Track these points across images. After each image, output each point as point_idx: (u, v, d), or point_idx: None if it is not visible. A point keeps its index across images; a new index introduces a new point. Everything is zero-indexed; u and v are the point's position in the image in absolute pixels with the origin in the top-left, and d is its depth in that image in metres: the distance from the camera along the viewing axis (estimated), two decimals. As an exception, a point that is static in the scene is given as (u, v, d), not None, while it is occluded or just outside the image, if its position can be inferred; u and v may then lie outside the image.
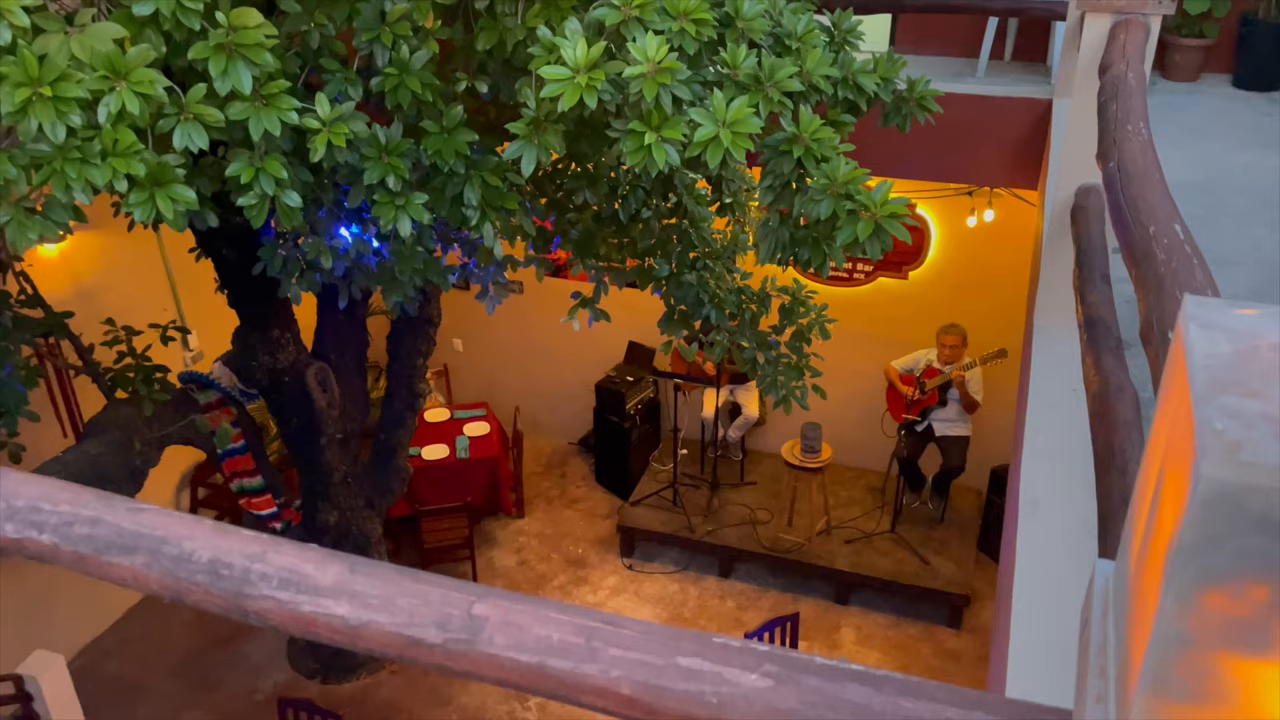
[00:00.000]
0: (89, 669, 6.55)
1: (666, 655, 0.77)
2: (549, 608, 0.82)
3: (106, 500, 0.96)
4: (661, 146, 2.38)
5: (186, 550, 0.89)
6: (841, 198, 2.41)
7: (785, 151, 2.49)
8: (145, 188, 2.29)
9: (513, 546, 7.71)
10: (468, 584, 0.88)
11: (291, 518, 6.03)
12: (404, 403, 6.20)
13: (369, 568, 0.87)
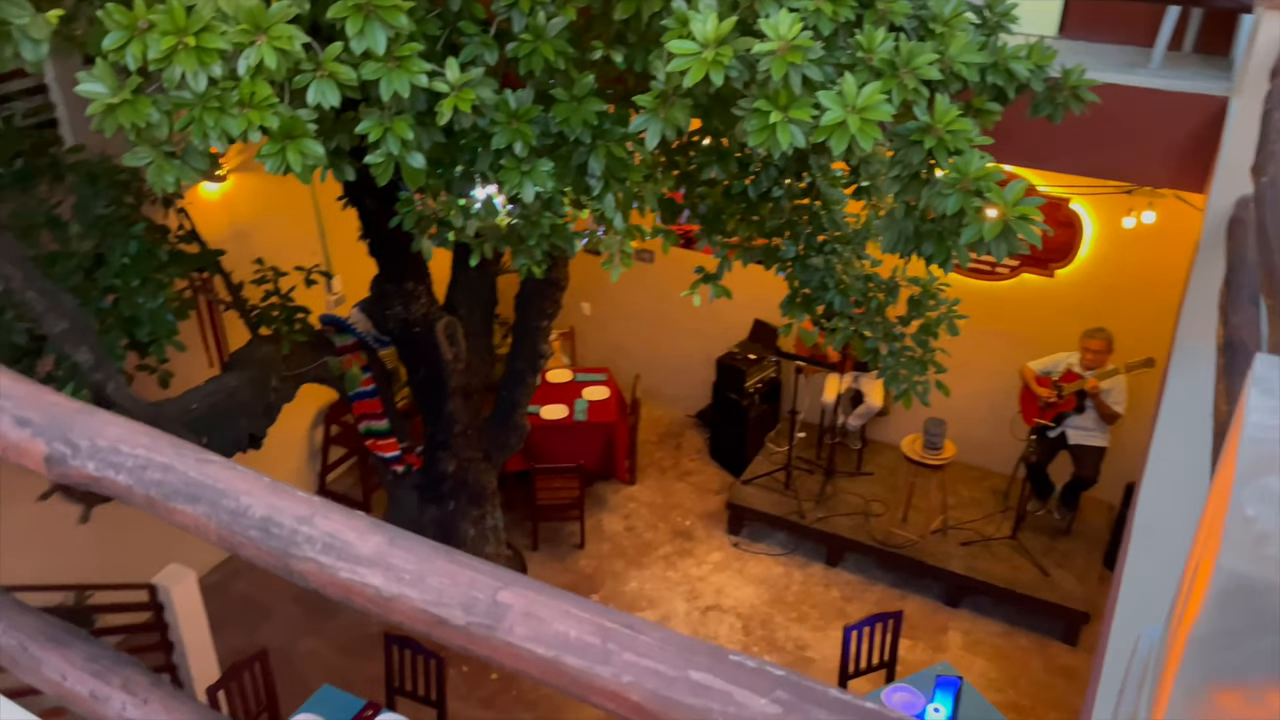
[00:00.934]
0: (219, 587, 7.00)
1: (680, 667, 0.75)
2: (572, 603, 0.82)
3: (179, 449, 1.01)
4: (787, 127, 2.32)
5: (243, 505, 0.93)
6: (971, 194, 2.30)
7: (916, 141, 2.39)
8: (277, 140, 2.39)
9: (622, 512, 7.79)
10: (499, 570, 0.88)
11: (413, 462, 6.25)
12: (526, 362, 6.33)
13: (409, 542, 0.89)
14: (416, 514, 6.42)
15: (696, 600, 6.97)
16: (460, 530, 6.49)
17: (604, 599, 6.96)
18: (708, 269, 4.94)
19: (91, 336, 3.73)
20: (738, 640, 6.64)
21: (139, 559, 6.18)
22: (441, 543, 4.12)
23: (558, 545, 7.45)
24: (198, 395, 4.55)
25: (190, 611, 5.28)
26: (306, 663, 6.45)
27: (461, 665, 6.43)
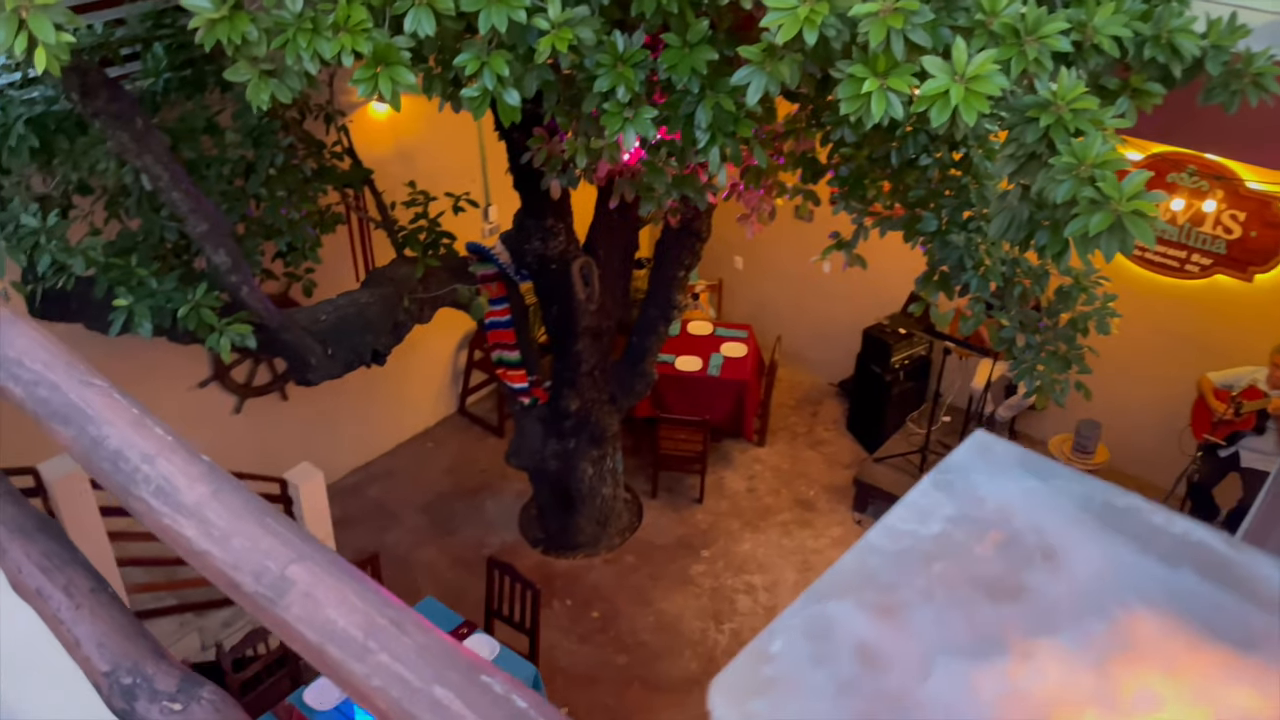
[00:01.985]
0: (354, 489, 7.42)
1: (427, 679, 0.69)
2: (356, 589, 0.76)
3: (71, 369, 1.02)
4: (883, 96, 2.13)
5: (103, 435, 0.92)
6: (1085, 181, 2.04)
7: (1033, 119, 2.14)
8: (371, 66, 2.39)
9: (747, 473, 7.69)
10: (305, 543, 0.83)
11: (539, 396, 6.36)
12: (659, 311, 6.28)
13: (232, 498, 0.85)
14: (540, 447, 6.55)
15: (808, 572, 6.83)
16: (579, 468, 6.58)
17: (714, 556, 6.93)
18: (843, 235, 4.72)
19: (230, 240, 3.94)
20: (844, 618, 6.47)
21: (283, 453, 6.61)
22: (560, 479, 4.23)
23: (677, 496, 7.44)
24: (329, 307, 4.75)
25: (315, 508, 5.59)
26: (420, 572, 6.75)
27: (566, 599, 6.58)
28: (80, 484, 4.54)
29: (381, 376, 7.42)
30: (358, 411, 7.41)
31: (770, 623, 0.73)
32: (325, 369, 4.60)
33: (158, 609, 5.22)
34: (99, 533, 4.68)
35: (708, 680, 3.37)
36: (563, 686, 5.98)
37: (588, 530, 6.85)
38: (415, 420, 7.92)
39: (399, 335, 4.99)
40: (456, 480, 7.55)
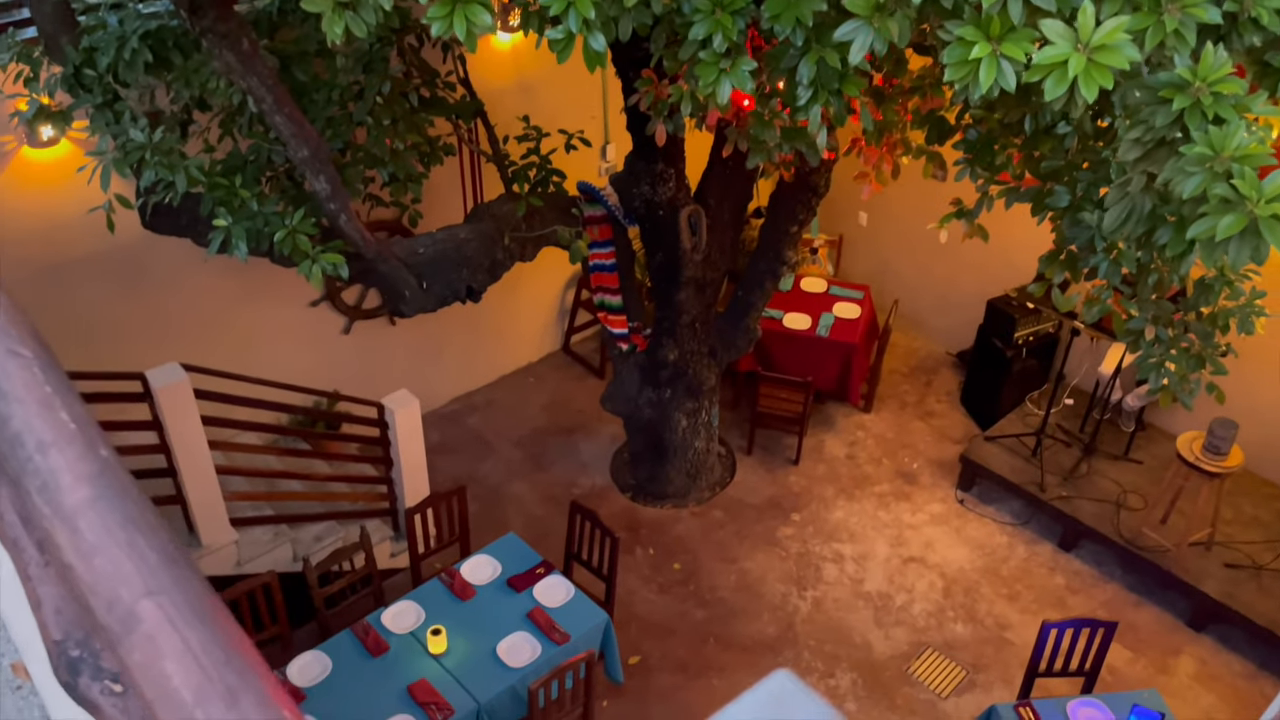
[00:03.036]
0: (453, 417, 7.53)
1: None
2: (204, 640, 0.67)
3: (4, 334, 0.95)
4: (994, 63, 1.89)
5: (9, 413, 0.85)
6: (1219, 176, 1.76)
7: (1166, 100, 1.86)
8: (447, 3, 2.28)
9: (848, 438, 7.45)
10: (170, 568, 0.74)
11: (638, 343, 6.26)
12: (767, 266, 6.06)
13: (113, 504, 0.77)
14: (635, 394, 6.48)
15: (901, 547, 6.59)
16: (673, 419, 6.49)
17: (804, 520, 6.76)
18: (965, 203, 4.41)
19: (330, 167, 3.94)
20: (934, 601, 6.23)
21: (387, 377, 6.74)
22: (654, 428, 4.16)
23: (773, 455, 7.28)
24: (427, 240, 4.74)
25: (409, 434, 5.68)
26: (510, 505, 6.83)
27: (649, 548, 6.55)
28: (184, 393, 4.71)
29: (489, 309, 7.46)
30: (463, 341, 7.48)
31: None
32: (419, 302, 4.60)
33: (255, 518, 5.42)
34: (200, 441, 4.87)
35: (783, 645, 3.37)
36: (637, 634, 5.97)
37: (677, 481, 6.78)
38: (519, 354, 7.96)
39: (495, 274, 4.95)
40: (554, 418, 7.58)
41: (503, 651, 4.87)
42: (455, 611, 5.09)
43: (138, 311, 5.66)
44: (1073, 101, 1.84)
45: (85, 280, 5.39)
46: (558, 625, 5.01)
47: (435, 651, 4.85)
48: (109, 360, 5.02)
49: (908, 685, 5.75)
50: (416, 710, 4.59)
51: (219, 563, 5.23)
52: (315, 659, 4.82)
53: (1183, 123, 1.83)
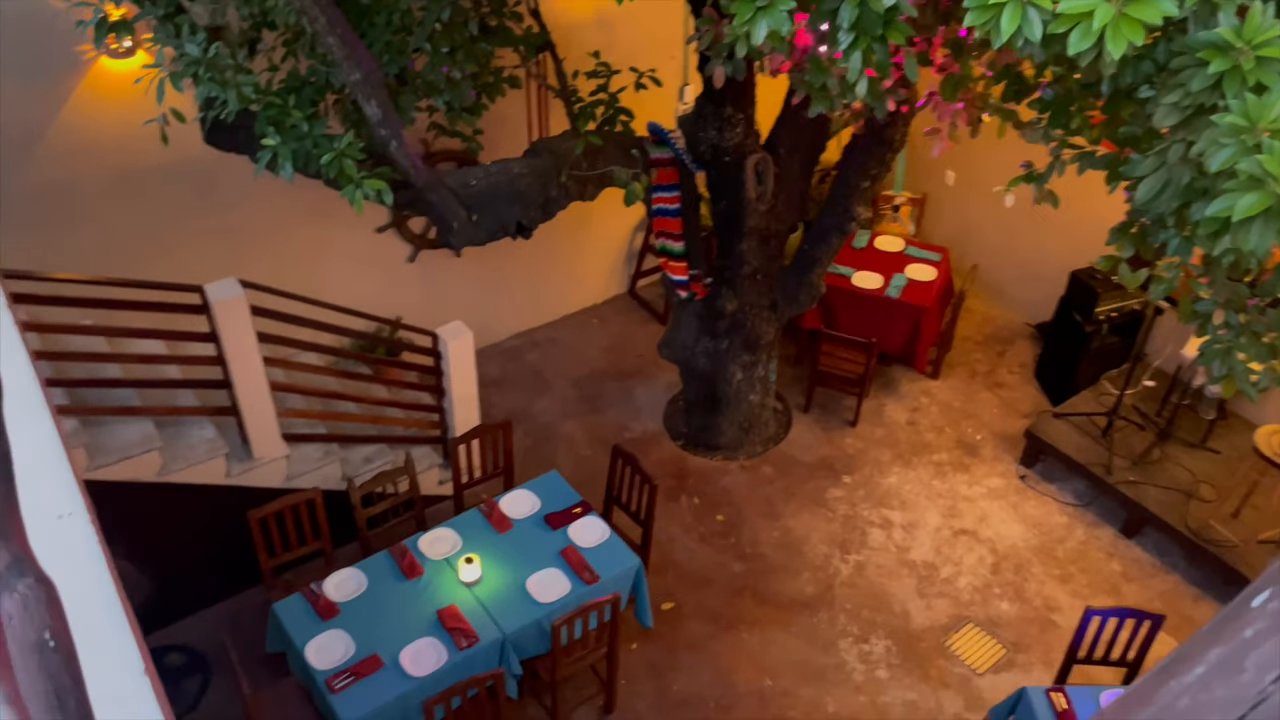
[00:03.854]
0: (514, 352, 7.58)
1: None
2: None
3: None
4: (1018, 9, 1.74)
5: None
6: (1250, 150, 1.59)
7: (1204, 62, 1.68)
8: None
9: (911, 404, 7.26)
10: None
11: (698, 291, 6.17)
12: (835, 220, 5.88)
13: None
14: (691, 342, 6.41)
15: (953, 519, 6.43)
16: (728, 371, 6.41)
17: (855, 484, 6.64)
18: (1036, 166, 4.18)
19: (382, 92, 3.93)
20: (982, 576, 6.07)
21: (450, 307, 6.80)
22: (708, 378, 4.15)
23: (830, 415, 7.15)
24: (480, 172, 4.71)
25: (461, 365, 5.74)
26: (560, 444, 6.87)
27: (695, 497, 6.53)
28: (240, 308, 4.82)
29: (556, 248, 7.46)
30: (529, 278, 7.50)
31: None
32: (467, 235, 4.59)
33: (307, 435, 5.57)
34: (254, 356, 4.99)
35: (820, 605, 3.33)
36: (673, 581, 5.98)
37: (729, 433, 6.71)
38: (584, 295, 7.94)
39: (549, 212, 4.90)
40: (613, 361, 7.56)
41: (532, 586, 4.93)
42: (490, 542, 5.16)
43: (207, 224, 5.81)
44: (1100, 59, 1.68)
45: (159, 190, 5.55)
46: (589, 565, 5.04)
47: (467, 580, 4.94)
48: (178, 270, 5.16)
49: (943, 658, 5.64)
50: (443, 634, 4.69)
51: (269, 475, 5.39)
52: (352, 576, 4.95)
53: (1221, 88, 1.66)
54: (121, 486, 4.86)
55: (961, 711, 5.39)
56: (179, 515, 5.17)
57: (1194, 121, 1.80)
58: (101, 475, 4.78)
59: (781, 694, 5.44)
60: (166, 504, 5.07)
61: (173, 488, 5.06)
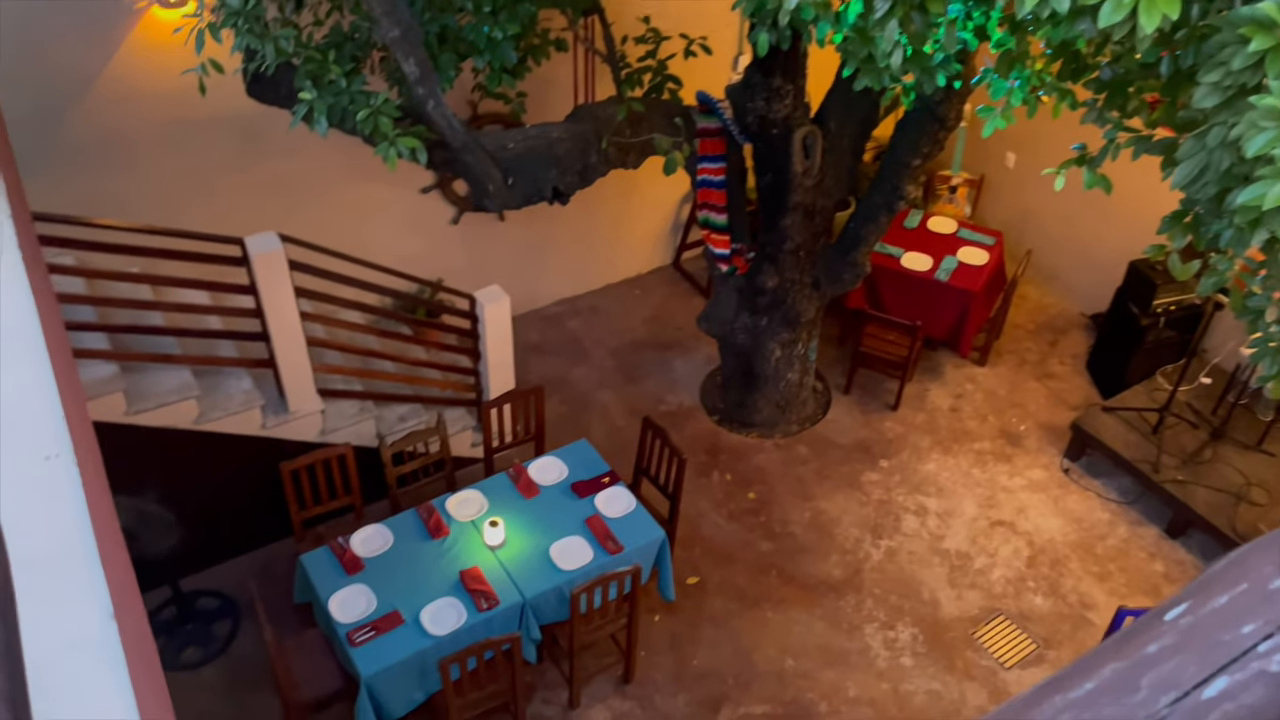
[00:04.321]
0: (555, 319, 7.57)
1: None
2: None
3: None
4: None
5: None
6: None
7: (1245, 39, 1.57)
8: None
9: (955, 390, 7.11)
10: None
11: (739, 265, 6.08)
12: (883, 199, 5.73)
13: None
14: (731, 317, 6.33)
15: (991, 509, 6.29)
16: (766, 347, 6.32)
17: (892, 468, 6.53)
18: (1089, 149, 4.02)
19: (420, 50, 3.90)
20: (1015, 568, 5.95)
21: (492, 271, 6.81)
22: (746, 354, 4.14)
23: (871, 398, 7.03)
24: (519, 135, 4.67)
25: (497, 329, 5.73)
26: (594, 412, 6.85)
27: (726, 473, 6.48)
28: (278, 262, 4.86)
29: (601, 216, 7.41)
30: (573, 246, 7.47)
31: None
32: (502, 198, 4.56)
33: (344, 391, 5.62)
34: (291, 311, 5.04)
35: (847, 589, 3.31)
36: (699, 556, 5.95)
37: (765, 411, 6.64)
38: (627, 264, 7.89)
39: (587, 178, 4.84)
40: (653, 332, 7.52)
41: (555, 553, 4.93)
42: (516, 507, 5.17)
43: (254, 178, 5.86)
44: (1134, 34, 1.58)
45: (206, 141, 5.61)
46: (613, 535, 5.02)
47: (491, 543, 4.96)
48: (222, 221, 5.21)
49: (971, 649, 5.54)
50: (464, 596, 4.72)
51: (303, 429, 5.46)
52: (378, 532, 5.00)
53: (1263, 67, 1.55)
54: (158, 432, 4.96)
55: (985, 704, 5.30)
56: (214, 464, 5.26)
57: (1236, 102, 1.68)
58: (139, 420, 4.88)
59: (802, 675, 5.40)
60: (202, 452, 5.16)
61: (208, 436, 5.15)
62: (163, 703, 1.66)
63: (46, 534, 1.61)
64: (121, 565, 1.82)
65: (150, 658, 1.78)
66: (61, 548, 1.57)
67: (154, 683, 1.63)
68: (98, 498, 1.81)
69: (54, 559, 1.56)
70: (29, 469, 1.70)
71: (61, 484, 1.69)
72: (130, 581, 1.88)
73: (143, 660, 1.61)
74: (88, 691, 1.40)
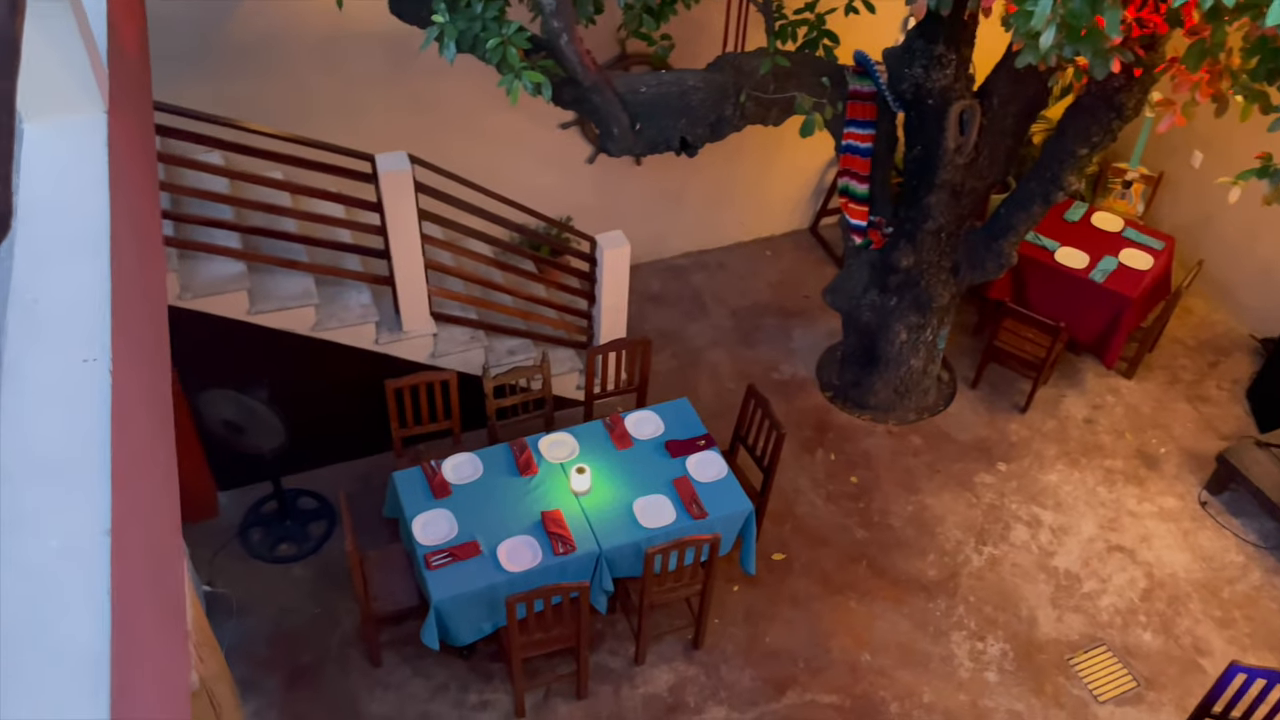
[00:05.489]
0: (679, 271, 7.43)
1: None
2: None
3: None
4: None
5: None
6: None
7: None
8: None
9: (1094, 401, 6.63)
10: None
11: (874, 239, 5.78)
12: (1040, 187, 5.31)
13: None
14: (859, 293, 6.06)
15: (1111, 532, 5.87)
16: (892, 329, 6.03)
17: (1010, 473, 6.17)
18: (1276, 160, 3.59)
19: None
20: (1128, 599, 5.54)
21: (622, 214, 6.72)
22: (870, 333, 4.07)
23: (999, 397, 6.63)
24: (652, 80, 4.50)
25: (614, 275, 5.65)
26: (704, 371, 6.72)
27: (831, 453, 6.26)
28: (405, 182, 4.89)
29: (741, 171, 7.20)
30: (708, 198, 7.28)
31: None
32: (626, 142, 4.43)
33: (458, 318, 5.66)
34: (413, 232, 5.08)
35: (939, 591, 3.18)
36: (789, 533, 5.79)
37: (882, 394, 6.36)
38: (761, 224, 7.66)
39: (719, 132, 4.65)
40: (777, 297, 7.29)
41: (638, 508, 4.87)
42: (607, 457, 5.12)
43: (397, 98, 5.91)
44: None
45: (355, 55, 5.68)
46: (699, 500, 4.92)
47: (577, 489, 4.94)
48: (362, 138, 5.28)
49: (1063, 675, 5.22)
50: (542, 536, 4.73)
51: (414, 349, 5.54)
52: (470, 461, 5.05)
53: None
54: (275, 334, 5.12)
55: (1068, 737, 5.00)
56: (324, 372, 5.41)
57: None
58: (258, 320, 5.05)
59: (877, 671, 5.21)
60: (314, 359, 5.31)
61: (322, 344, 5.28)
62: (158, 623, 1.66)
63: (64, 438, 1.61)
64: (144, 482, 1.81)
65: (159, 579, 1.77)
66: (73, 456, 1.57)
67: (149, 603, 1.62)
68: (133, 408, 1.81)
69: (65, 465, 1.56)
70: (64, 369, 1.71)
71: (91, 390, 1.68)
72: (153, 500, 1.87)
73: (139, 580, 1.60)
74: (60, 605, 1.39)
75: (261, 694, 4.96)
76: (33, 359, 1.71)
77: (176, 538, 2.01)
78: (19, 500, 1.51)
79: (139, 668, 1.44)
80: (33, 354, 1.72)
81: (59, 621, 1.37)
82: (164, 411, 2.15)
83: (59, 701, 1.27)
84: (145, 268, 2.25)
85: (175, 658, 1.68)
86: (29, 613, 1.38)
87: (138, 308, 2.06)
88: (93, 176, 2.07)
